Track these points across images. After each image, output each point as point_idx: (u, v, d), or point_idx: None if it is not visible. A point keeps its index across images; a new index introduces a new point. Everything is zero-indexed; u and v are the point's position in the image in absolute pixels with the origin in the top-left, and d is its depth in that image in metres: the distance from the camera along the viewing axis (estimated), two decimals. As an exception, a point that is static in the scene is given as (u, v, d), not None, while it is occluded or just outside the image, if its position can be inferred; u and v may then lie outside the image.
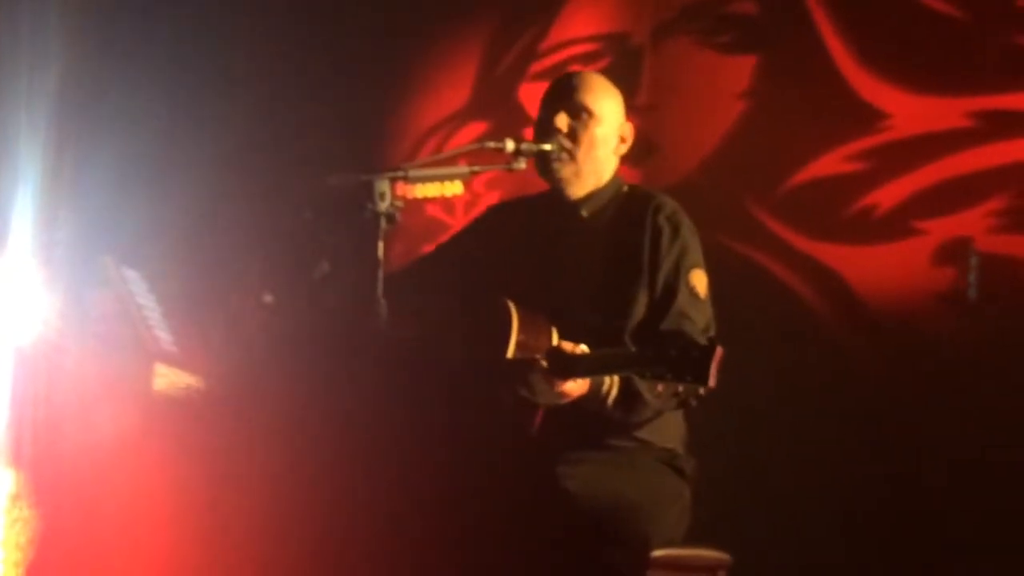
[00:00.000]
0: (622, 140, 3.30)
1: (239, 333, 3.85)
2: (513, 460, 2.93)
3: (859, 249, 4.13)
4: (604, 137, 3.25)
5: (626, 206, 3.27)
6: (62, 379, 3.89)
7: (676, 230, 3.19)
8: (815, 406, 4.02)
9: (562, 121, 3.23)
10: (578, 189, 3.26)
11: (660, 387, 2.76)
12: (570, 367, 2.87)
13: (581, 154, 3.23)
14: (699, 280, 3.17)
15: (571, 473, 2.96)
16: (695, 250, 3.21)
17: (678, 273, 3.15)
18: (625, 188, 3.31)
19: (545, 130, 3.23)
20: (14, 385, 3.93)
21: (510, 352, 2.97)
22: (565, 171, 3.24)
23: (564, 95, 3.26)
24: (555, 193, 3.27)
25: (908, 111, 4.07)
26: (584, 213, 3.26)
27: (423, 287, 3.31)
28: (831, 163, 4.18)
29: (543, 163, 3.24)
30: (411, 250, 4.81)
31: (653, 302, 3.14)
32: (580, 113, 3.23)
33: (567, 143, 3.22)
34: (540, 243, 3.29)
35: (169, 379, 3.59)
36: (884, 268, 4.07)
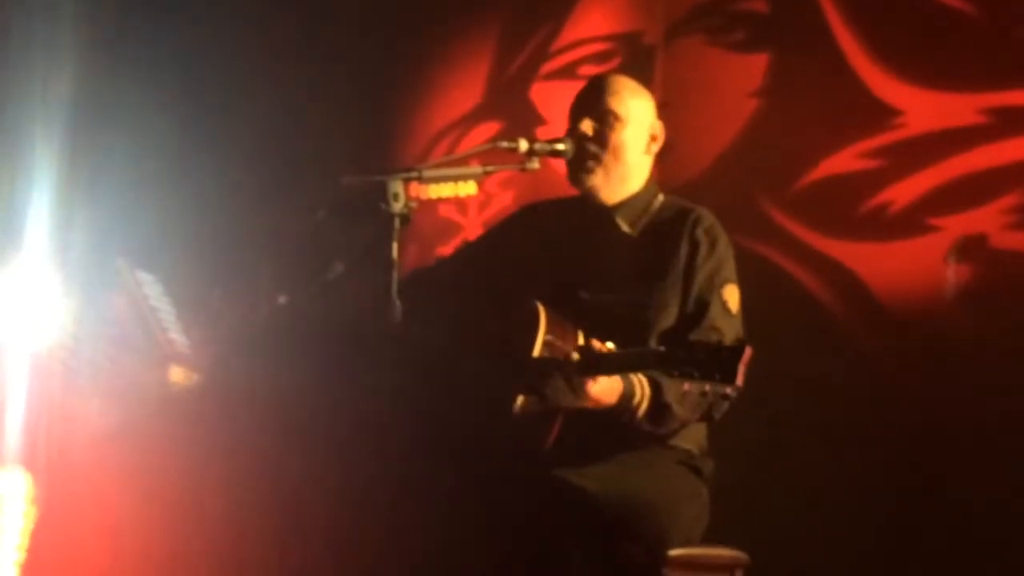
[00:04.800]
0: (653, 139, 3.28)
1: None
2: (530, 459, 2.93)
3: (873, 246, 4.12)
4: (632, 140, 3.23)
5: (664, 218, 3.25)
6: (77, 382, 3.90)
7: (713, 244, 3.19)
8: (831, 403, 4.01)
9: (587, 126, 3.21)
10: (609, 195, 3.25)
11: (687, 386, 2.75)
12: (598, 364, 2.87)
13: (609, 159, 3.21)
14: (732, 295, 3.17)
15: (588, 472, 2.96)
16: (730, 265, 3.20)
17: (712, 287, 3.15)
18: (660, 197, 3.30)
19: (572, 136, 3.22)
20: (29, 388, 3.94)
21: (536, 351, 2.96)
22: (593, 180, 3.22)
23: (589, 101, 3.25)
24: (588, 197, 3.26)
25: (922, 108, 4.06)
26: (622, 224, 3.25)
27: (450, 286, 3.32)
28: (844, 160, 4.17)
29: (571, 172, 3.24)
30: (425, 251, 4.82)
31: (684, 314, 3.14)
32: (606, 117, 3.21)
33: (593, 148, 3.21)
34: (575, 247, 3.28)
35: (183, 381, 3.59)
36: (898, 265, 4.06)
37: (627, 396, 2.94)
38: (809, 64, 4.27)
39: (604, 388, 2.90)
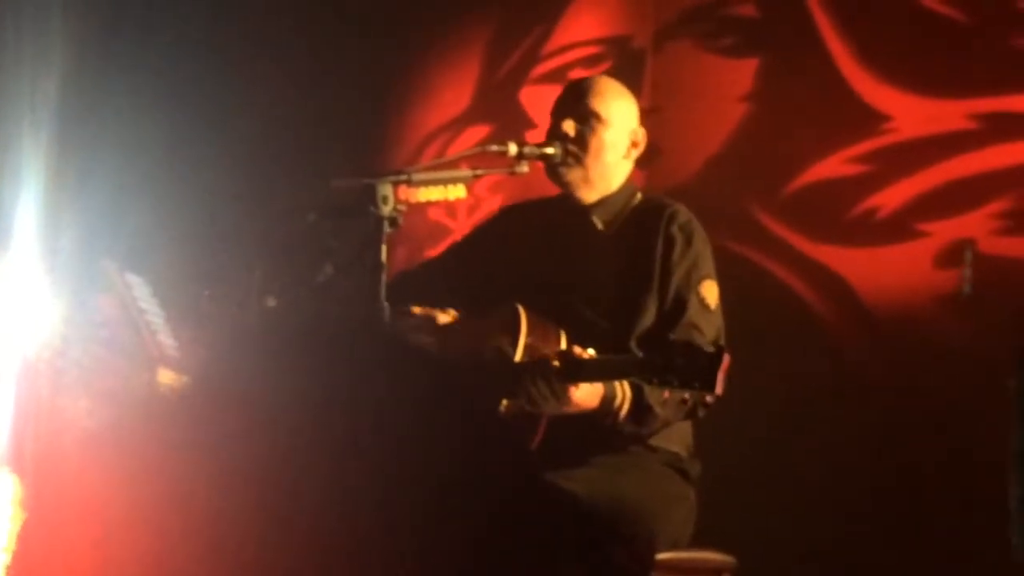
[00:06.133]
0: (634, 144, 3.27)
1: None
2: (515, 462, 2.92)
3: (861, 251, 4.12)
4: (613, 142, 3.23)
5: (640, 216, 3.25)
6: (65, 383, 3.89)
7: (689, 240, 3.18)
8: (818, 408, 4.02)
9: (569, 126, 3.20)
10: (587, 194, 3.24)
11: (666, 394, 2.76)
12: (578, 371, 2.87)
13: (589, 159, 3.21)
14: (710, 291, 3.16)
15: (575, 475, 2.96)
16: (707, 261, 3.20)
17: (689, 284, 3.14)
18: (639, 196, 3.29)
19: (554, 136, 3.22)
20: (17, 390, 3.93)
21: (518, 355, 2.97)
22: (572, 175, 3.21)
23: (573, 100, 3.25)
24: (566, 197, 3.26)
25: (910, 113, 4.07)
26: (597, 222, 3.24)
27: (432, 288, 3.32)
28: (833, 165, 4.18)
29: (550, 168, 3.23)
30: (414, 254, 4.81)
31: (663, 312, 3.13)
32: (588, 118, 3.20)
33: (573, 148, 3.20)
34: (551, 247, 3.28)
35: (172, 383, 3.59)
36: (886, 270, 4.07)
37: (608, 399, 2.95)
38: (798, 69, 4.28)
39: (586, 393, 2.91)
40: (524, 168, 3.16)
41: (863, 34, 4.18)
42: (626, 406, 2.97)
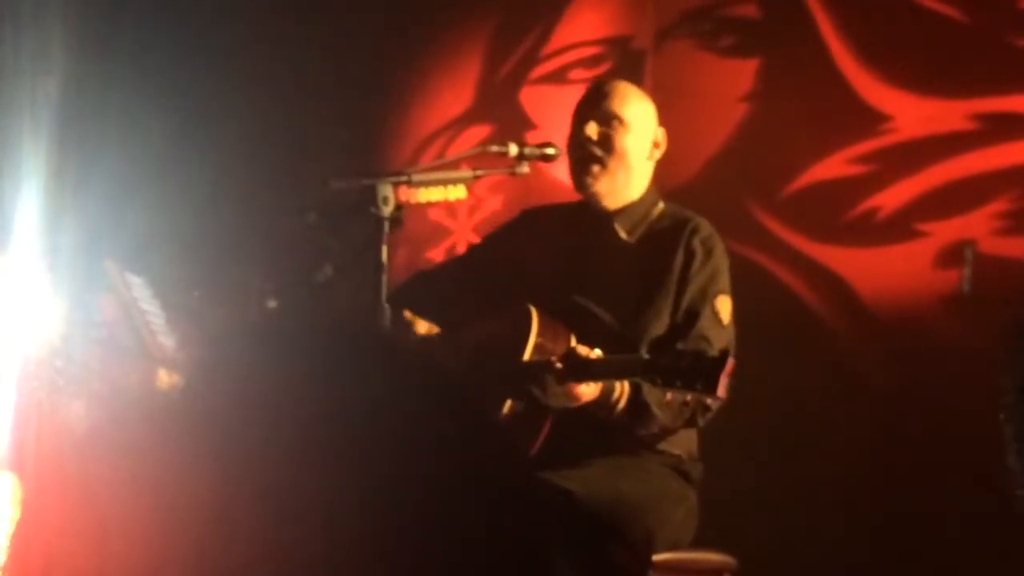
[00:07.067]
0: (655, 146, 3.29)
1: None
2: (516, 462, 2.93)
3: (862, 251, 4.13)
4: (635, 144, 3.24)
5: (662, 226, 3.27)
6: (64, 384, 3.89)
7: (709, 254, 3.20)
8: (818, 408, 4.02)
9: (592, 129, 3.22)
10: (611, 201, 3.26)
11: (669, 395, 2.77)
12: (584, 370, 2.88)
13: (613, 162, 3.22)
14: (724, 306, 3.18)
15: (575, 475, 2.97)
16: (724, 276, 3.22)
17: (704, 297, 3.16)
18: (660, 205, 3.31)
19: (577, 141, 3.23)
20: (18, 391, 3.93)
21: (527, 355, 2.98)
22: (598, 186, 3.23)
23: (593, 104, 3.26)
24: (589, 203, 3.27)
25: (911, 113, 4.07)
26: (620, 230, 3.25)
27: (451, 289, 3.33)
28: (833, 166, 4.18)
29: (575, 177, 3.25)
30: (415, 255, 4.82)
31: (675, 322, 3.15)
32: (609, 120, 3.22)
33: (597, 150, 3.22)
34: (570, 252, 3.29)
35: (171, 384, 3.59)
36: (887, 270, 4.07)
37: (607, 391, 2.96)
38: (799, 69, 4.28)
39: (587, 387, 2.92)
40: (524, 168, 3.17)
41: (863, 34, 4.18)
42: (623, 401, 2.98)
